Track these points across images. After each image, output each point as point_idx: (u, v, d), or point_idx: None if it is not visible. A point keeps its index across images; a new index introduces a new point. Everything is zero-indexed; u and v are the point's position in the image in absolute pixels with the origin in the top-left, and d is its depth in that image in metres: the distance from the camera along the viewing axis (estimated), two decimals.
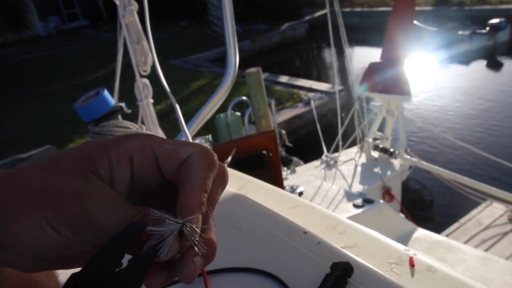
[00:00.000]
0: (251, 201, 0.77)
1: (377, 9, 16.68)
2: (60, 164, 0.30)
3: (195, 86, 10.12)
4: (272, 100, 5.53)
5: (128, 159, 0.32)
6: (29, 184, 0.29)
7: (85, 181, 0.30)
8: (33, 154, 1.54)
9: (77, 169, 0.30)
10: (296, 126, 7.57)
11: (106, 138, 0.34)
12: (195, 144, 0.34)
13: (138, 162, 0.32)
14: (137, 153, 0.32)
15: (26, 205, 0.28)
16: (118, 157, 0.32)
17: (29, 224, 0.28)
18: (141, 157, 0.32)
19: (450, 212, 4.92)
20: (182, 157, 0.32)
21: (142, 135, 0.33)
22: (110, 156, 0.31)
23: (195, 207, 0.30)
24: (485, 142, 6.49)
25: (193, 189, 0.31)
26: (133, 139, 0.33)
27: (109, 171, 0.31)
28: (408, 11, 4.04)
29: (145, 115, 2.37)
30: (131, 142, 0.32)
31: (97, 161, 0.31)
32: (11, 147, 7.28)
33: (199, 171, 0.32)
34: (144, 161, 0.32)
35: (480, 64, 10.66)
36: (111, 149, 0.32)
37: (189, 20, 19.46)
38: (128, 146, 0.32)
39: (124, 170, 0.32)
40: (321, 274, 0.54)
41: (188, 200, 0.30)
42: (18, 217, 0.28)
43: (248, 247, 0.64)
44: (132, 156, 0.32)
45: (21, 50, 17.87)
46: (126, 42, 2.21)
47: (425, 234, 3.56)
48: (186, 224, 0.29)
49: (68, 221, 0.28)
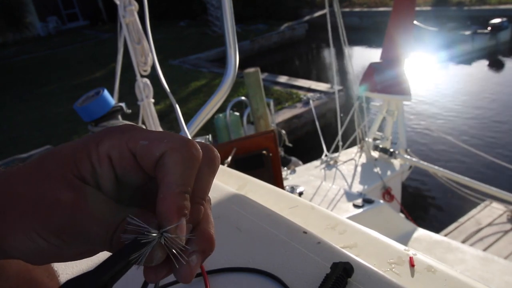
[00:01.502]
0: (251, 201, 0.77)
1: (376, 9, 16.69)
2: (46, 171, 0.29)
3: (194, 86, 10.12)
4: (271, 100, 5.53)
5: (107, 158, 0.30)
6: (19, 196, 0.28)
7: (71, 188, 0.29)
8: (33, 154, 1.54)
9: (62, 176, 0.29)
10: (295, 126, 7.57)
11: (88, 135, 0.32)
12: (172, 138, 0.30)
13: (117, 161, 0.30)
14: (115, 152, 0.30)
15: (18, 218, 0.28)
16: (98, 157, 0.30)
17: (21, 237, 0.28)
18: (119, 156, 0.30)
19: (450, 212, 4.92)
20: (156, 155, 0.30)
21: (121, 129, 0.31)
22: (91, 158, 0.30)
23: (172, 215, 0.28)
24: (485, 142, 6.49)
25: (169, 194, 0.28)
26: (111, 135, 0.31)
27: (92, 173, 0.30)
28: (408, 11, 4.04)
29: (146, 115, 2.37)
30: (109, 140, 0.30)
31: (80, 164, 0.30)
32: (9, 148, 7.28)
33: (175, 171, 0.29)
34: (122, 159, 0.30)
35: (482, 64, 10.66)
36: (92, 150, 0.30)
37: (188, 20, 19.46)
38: (107, 144, 0.30)
39: (107, 170, 0.30)
40: (321, 274, 0.54)
41: (164, 208, 0.28)
42: (11, 230, 0.28)
43: (248, 247, 0.64)
44: (110, 155, 0.30)
45: (21, 50, 17.86)
46: (126, 42, 2.21)
47: (425, 234, 3.56)
48: (164, 235, 0.28)
49: (57, 231, 0.28)
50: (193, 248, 0.29)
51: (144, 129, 0.32)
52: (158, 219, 0.28)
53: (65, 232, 0.28)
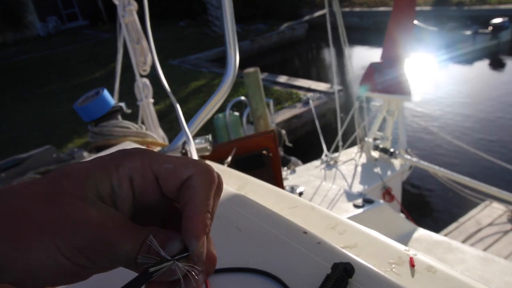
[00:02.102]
0: (251, 201, 0.76)
1: (376, 9, 16.69)
2: (65, 191, 0.30)
3: (194, 86, 10.13)
4: (271, 100, 5.53)
5: (128, 180, 0.32)
6: (37, 211, 0.28)
7: (95, 207, 0.30)
8: (33, 154, 1.54)
9: (84, 196, 0.30)
10: (294, 126, 7.57)
11: (105, 156, 0.33)
12: (196, 163, 0.33)
13: (139, 183, 0.32)
14: (137, 174, 0.32)
15: (36, 234, 0.28)
16: (119, 179, 0.32)
17: (39, 254, 0.28)
18: (141, 178, 0.32)
19: (450, 212, 4.92)
20: (182, 178, 0.32)
21: (141, 153, 0.33)
22: (111, 179, 0.31)
23: (200, 232, 0.30)
24: (486, 142, 6.49)
25: (197, 213, 0.31)
26: (132, 158, 0.32)
27: (111, 194, 0.31)
28: (408, 11, 4.04)
29: (145, 115, 2.37)
30: (130, 162, 0.32)
31: (99, 185, 0.31)
32: (9, 148, 7.28)
33: (201, 193, 0.31)
34: (144, 181, 0.32)
35: (483, 63, 10.66)
36: (112, 171, 0.32)
37: (188, 20, 19.46)
38: (128, 166, 0.32)
39: (126, 192, 0.32)
40: (321, 274, 0.54)
41: (192, 225, 0.30)
42: (29, 247, 0.28)
43: (248, 247, 0.64)
44: (132, 177, 0.32)
45: (21, 50, 17.87)
46: (125, 42, 2.21)
47: (425, 234, 3.56)
48: (176, 263, 0.30)
49: (83, 249, 0.28)
50: (200, 268, 0.31)
51: (162, 154, 0.34)
52: (184, 235, 0.30)
53: (91, 249, 0.28)
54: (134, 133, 1.62)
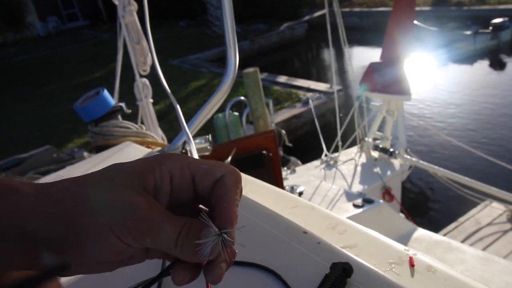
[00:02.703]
0: (251, 201, 0.77)
1: (376, 9, 16.69)
2: (116, 181, 0.34)
3: (193, 86, 10.13)
4: (270, 100, 5.53)
5: (169, 177, 0.37)
6: (92, 199, 0.33)
7: (143, 195, 0.34)
8: (33, 154, 1.54)
9: (132, 184, 0.34)
10: (294, 126, 7.57)
11: (147, 157, 0.38)
12: (226, 165, 0.38)
13: (178, 180, 0.37)
14: (177, 172, 0.37)
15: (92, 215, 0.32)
16: (161, 175, 0.36)
17: (94, 232, 0.32)
18: (180, 176, 0.37)
19: (450, 212, 4.92)
20: (217, 176, 0.37)
21: (180, 156, 0.38)
22: (154, 174, 0.36)
23: (234, 219, 0.35)
24: (486, 142, 6.49)
25: (230, 204, 0.36)
26: (173, 159, 0.37)
27: (154, 189, 0.36)
28: (408, 11, 4.04)
29: (144, 115, 2.38)
30: (172, 162, 0.37)
31: (145, 179, 0.35)
32: (9, 148, 7.27)
33: (233, 189, 0.37)
34: (183, 179, 0.37)
35: (484, 63, 10.66)
36: (155, 168, 0.36)
37: (188, 20, 19.46)
38: (169, 165, 0.37)
39: (166, 187, 0.36)
40: (321, 274, 0.54)
41: (228, 214, 0.35)
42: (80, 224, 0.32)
43: (248, 247, 0.64)
44: (172, 174, 0.37)
45: (21, 50, 17.86)
46: (125, 42, 2.21)
47: (425, 234, 3.56)
48: (223, 235, 0.35)
49: (132, 229, 0.32)
50: (224, 257, 0.35)
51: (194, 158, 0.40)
52: (219, 222, 0.35)
53: (138, 230, 0.33)
54: (134, 133, 1.62)
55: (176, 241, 0.34)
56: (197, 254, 0.33)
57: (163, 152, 0.39)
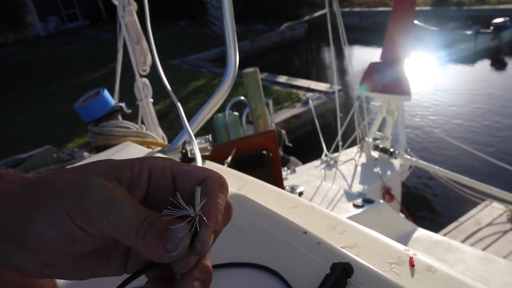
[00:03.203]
0: (251, 201, 0.77)
1: (376, 9, 16.69)
2: (89, 168, 0.33)
3: (193, 86, 10.12)
4: (270, 100, 5.53)
5: (147, 173, 0.35)
6: (54, 180, 0.32)
7: (110, 180, 0.33)
8: (33, 154, 1.54)
9: (103, 172, 0.33)
10: (294, 126, 7.57)
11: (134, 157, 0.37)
12: (211, 170, 0.37)
13: (157, 178, 0.35)
14: (157, 170, 0.36)
15: (48, 196, 0.31)
16: (140, 170, 0.35)
17: (47, 213, 0.30)
18: (160, 174, 0.36)
19: (450, 212, 4.92)
20: (199, 178, 0.35)
21: (164, 157, 0.37)
22: (132, 169, 0.35)
23: (212, 220, 0.32)
24: (486, 142, 6.49)
25: (212, 207, 0.33)
26: (156, 158, 0.36)
27: (129, 181, 0.35)
28: (408, 11, 4.04)
29: (144, 115, 2.38)
30: (154, 160, 0.36)
31: (120, 170, 0.34)
32: (9, 148, 7.28)
33: (215, 192, 0.34)
34: (162, 178, 0.36)
35: (485, 63, 10.66)
36: (134, 163, 0.35)
37: (188, 20, 19.46)
38: (150, 162, 0.36)
39: (143, 182, 0.35)
40: (321, 274, 0.54)
41: (207, 215, 0.33)
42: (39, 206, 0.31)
43: (248, 247, 0.64)
44: (152, 171, 0.35)
45: (21, 50, 17.86)
46: (125, 42, 2.21)
47: (425, 234, 3.56)
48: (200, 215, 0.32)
49: (88, 211, 0.30)
50: (197, 276, 0.33)
51: None
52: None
53: (95, 210, 0.30)
54: (134, 133, 1.62)
55: (137, 228, 0.30)
56: (160, 246, 0.30)
57: (148, 156, 0.38)
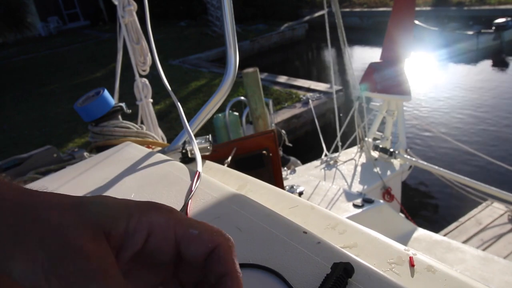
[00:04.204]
0: (251, 201, 0.76)
1: (376, 9, 16.70)
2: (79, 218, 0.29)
3: (194, 86, 10.12)
4: (270, 100, 5.53)
5: (146, 232, 0.31)
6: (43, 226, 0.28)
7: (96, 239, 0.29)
8: (33, 154, 1.53)
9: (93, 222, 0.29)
10: (294, 126, 7.57)
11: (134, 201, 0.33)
12: (217, 232, 0.33)
13: (158, 240, 0.31)
14: (159, 231, 0.31)
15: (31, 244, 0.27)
16: (136, 226, 0.31)
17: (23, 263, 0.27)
18: (161, 236, 0.31)
19: (450, 212, 4.92)
20: (209, 247, 0.32)
21: (169, 211, 0.33)
22: (129, 222, 0.31)
23: None
24: (486, 142, 6.49)
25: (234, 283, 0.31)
26: (159, 213, 0.32)
27: (122, 236, 0.30)
28: (408, 11, 4.04)
29: (144, 115, 2.38)
30: (156, 216, 0.32)
31: (115, 221, 0.30)
32: (9, 148, 7.28)
33: (232, 264, 0.32)
34: (164, 240, 0.32)
35: (486, 63, 10.66)
36: (134, 215, 0.31)
37: (188, 20, 19.46)
38: (151, 220, 0.31)
39: (137, 241, 0.31)
40: (321, 274, 0.54)
41: None
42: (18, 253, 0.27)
43: (248, 247, 0.64)
44: (151, 232, 0.31)
45: (21, 50, 17.86)
46: (125, 42, 2.21)
47: (425, 234, 3.56)
48: None
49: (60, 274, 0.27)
50: None
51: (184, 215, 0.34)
52: None
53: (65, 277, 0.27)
54: (134, 133, 1.62)
55: None
56: None
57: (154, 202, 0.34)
